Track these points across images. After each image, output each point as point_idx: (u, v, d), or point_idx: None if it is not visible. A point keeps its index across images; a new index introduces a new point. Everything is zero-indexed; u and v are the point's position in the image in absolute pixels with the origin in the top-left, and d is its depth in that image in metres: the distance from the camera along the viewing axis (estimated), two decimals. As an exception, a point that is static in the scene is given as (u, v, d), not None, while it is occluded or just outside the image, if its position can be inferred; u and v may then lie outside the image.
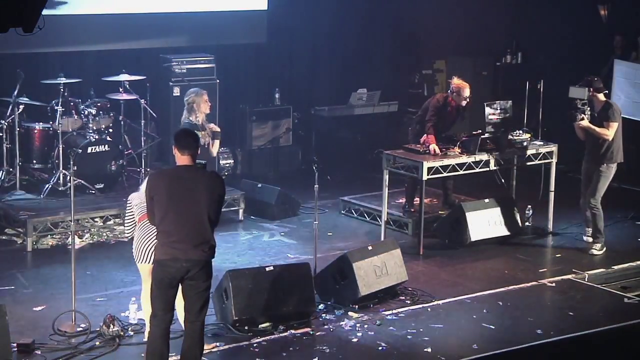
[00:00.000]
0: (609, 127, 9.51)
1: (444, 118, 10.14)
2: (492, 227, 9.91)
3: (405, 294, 8.48)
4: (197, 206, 6.26)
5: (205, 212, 6.29)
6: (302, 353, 7.27)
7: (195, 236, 6.28)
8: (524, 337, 7.63)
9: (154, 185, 6.36)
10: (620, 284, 9.12)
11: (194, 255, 6.27)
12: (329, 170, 11.73)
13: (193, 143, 6.38)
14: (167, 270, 6.29)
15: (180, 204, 6.25)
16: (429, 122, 10.04)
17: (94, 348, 7.18)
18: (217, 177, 6.49)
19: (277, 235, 10.21)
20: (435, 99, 10.27)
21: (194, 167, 6.38)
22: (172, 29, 11.86)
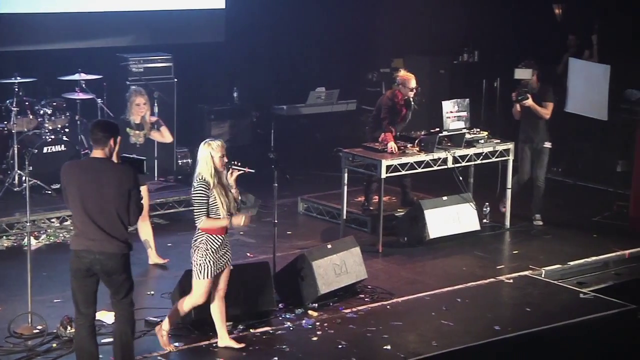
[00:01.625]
0: (548, 106, 10.22)
1: (396, 113, 10.19)
2: (451, 224, 9.96)
3: (365, 292, 8.49)
4: (105, 199, 6.26)
5: (113, 206, 6.27)
6: (262, 352, 7.25)
7: (107, 229, 6.28)
8: (482, 333, 7.67)
9: (65, 175, 6.42)
10: (576, 280, 9.22)
11: (106, 248, 6.29)
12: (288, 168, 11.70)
13: (102, 137, 6.34)
14: (82, 260, 6.33)
15: (90, 197, 6.27)
16: (385, 120, 10.09)
17: (51, 350, 7.09)
18: (127, 171, 6.39)
19: (236, 234, 10.16)
20: (385, 97, 10.35)
21: (105, 160, 6.36)
22: (129, 27, 11.78)
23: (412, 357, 7.20)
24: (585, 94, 11.07)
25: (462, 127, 10.15)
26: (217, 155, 6.92)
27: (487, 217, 10.46)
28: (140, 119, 9.11)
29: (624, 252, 9.74)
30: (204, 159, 6.91)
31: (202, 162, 6.92)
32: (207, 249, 6.93)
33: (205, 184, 6.88)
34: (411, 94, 10.17)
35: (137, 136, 9.07)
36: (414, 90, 10.17)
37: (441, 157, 9.90)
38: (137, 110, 9.09)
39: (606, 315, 8.13)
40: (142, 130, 9.12)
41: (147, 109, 9.17)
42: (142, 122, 9.14)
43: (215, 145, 6.93)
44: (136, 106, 9.10)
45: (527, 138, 10.38)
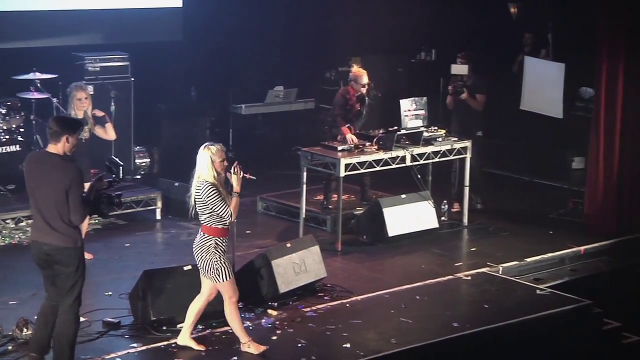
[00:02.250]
0: (481, 98, 10.69)
1: (349, 109, 10.24)
2: (409, 222, 10.01)
3: (324, 291, 8.49)
4: (47, 193, 6.45)
5: (52, 200, 6.43)
6: (222, 352, 7.22)
7: (50, 222, 6.45)
8: (441, 330, 7.71)
9: (25, 167, 6.73)
10: (533, 276, 9.30)
11: (50, 240, 6.47)
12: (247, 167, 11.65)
13: (55, 131, 6.52)
14: (32, 250, 6.59)
15: (38, 189, 6.50)
16: (338, 116, 10.18)
17: (7, 353, 7.00)
18: (66, 168, 6.47)
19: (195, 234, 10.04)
20: (338, 94, 10.42)
21: (53, 155, 6.51)
22: (85, 26, 11.66)
23: (371, 354, 7.21)
24: (541, 91, 11.18)
25: (420, 125, 10.20)
26: (217, 159, 6.95)
27: (445, 215, 10.52)
28: (82, 114, 9.03)
29: (579, 248, 9.86)
30: (204, 163, 6.95)
31: (202, 167, 6.95)
32: (219, 252, 6.98)
33: (213, 186, 6.92)
34: (363, 89, 10.24)
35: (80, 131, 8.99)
36: (366, 86, 10.24)
37: (399, 156, 9.93)
38: (79, 104, 9.02)
39: (562, 311, 8.21)
40: (86, 125, 9.01)
41: (88, 103, 9.09)
42: (84, 117, 9.04)
43: (214, 150, 6.97)
44: (77, 101, 9.02)
45: (460, 128, 10.70)
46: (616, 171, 10.41)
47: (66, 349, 6.58)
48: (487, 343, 7.72)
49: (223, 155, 6.98)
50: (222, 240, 7.01)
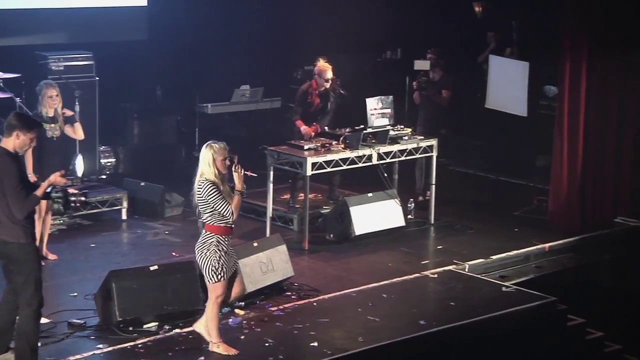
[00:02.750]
0: (448, 94, 10.92)
1: (310, 104, 10.31)
2: (376, 220, 10.04)
3: (292, 290, 8.50)
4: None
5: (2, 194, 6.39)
6: (189, 352, 7.20)
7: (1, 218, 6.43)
8: (408, 328, 7.74)
9: None
10: (499, 274, 9.37)
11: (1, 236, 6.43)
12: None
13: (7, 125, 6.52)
14: None
15: None
16: (295, 114, 10.34)
17: None
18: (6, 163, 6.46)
19: (161, 234, 10.10)
20: (300, 88, 10.45)
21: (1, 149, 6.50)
22: (48, 25, 11.55)
23: (338, 353, 7.23)
24: (505, 90, 11.26)
25: (386, 124, 10.23)
26: (219, 158, 6.92)
27: (411, 213, 10.57)
28: (53, 112, 8.97)
29: (544, 246, 9.94)
30: (206, 162, 6.92)
31: (204, 165, 6.93)
32: (220, 251, 6.93)
33: (213, 184, 6.89)
34: (327, 84, 10.27)
35: (52, 129, 8.93)
36: (329, 81, 10.27)
37: (366, 154, 9.96)
38: (50, 102, 8.95)
39: (528, 308, 8.28)
40: (57, 123, 8.98)
41: (59, 101, 9.04)
42: (55, 115, 9.00)
43: (217, 148, 6.93)
44: (49, 99, 8.96)
45: (425, 123, 10.92)
46: (580, 169, 10.52)
47: (27, 350, 6.52)
48: (453, 340, 7.76)
49: (225, 154, 6.94)
50: (225, 238, 6.96)
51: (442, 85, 11.02)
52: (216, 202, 6.89)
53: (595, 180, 10.69)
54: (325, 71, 10.27)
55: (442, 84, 11.03)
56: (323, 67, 10.31)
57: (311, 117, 10.38)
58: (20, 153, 6.69)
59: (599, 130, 10.64)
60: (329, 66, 10.33)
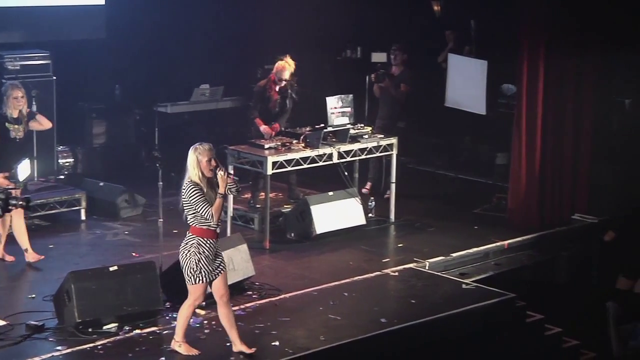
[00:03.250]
0: (406, 89, 11.20)
1: (268, 100, 10.37)
2: (337, 219, 10.06)
3: (253, 289, 8.49)
4: None
5: None
6: (149, 353, 7.18)
7: None
8: (369, 326, 7.77)
9: None
10: (459, 271, 9.44)
11: None
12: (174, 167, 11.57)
13: None
14: None
15: None
16: (253, 112, 10.37)
17: None
18: None
19: (121, 234, 10.03)
20: (257, 86, 10.50)
21: None
22: (4, 24, 11.41)
23: (300, 352, 7.24)
24: (464, 88, 11.33)
25: (347, 122, 10.26)
26: (203, 159, 6.88)
27: (372, 212, 10.60)
28: (17, 113, 8.88)
29: (503, 243, 10.02)
30: (191, 164, 6.91)
31: (189, 167, 6.92)
32: (200, 253, 6.90)
33: (196, 185, 6.87)
34: (283, 83, 10.30)
35: (16, 130, 8.83)
36: (284, 81, 10.28)
37: (326, 153, 9.98)
38: (15, 103, 8.86)
39: (487, 305, 8.35)
40: (20, 124, 8.88)
41: (24, 102, 8.95)
42: (19, 116, 8.90)
43: (201, 150, 6.91)
44: (14, 100, 8.86)
45: (384, 117, 11.18)
46: (538, 167, 10.62)
47: None
48: (414, 338, 7.81)
49: (210, 156, 6.91)
50: (206, 241, 6.92)
51: (401, 79, 11.25)
52: (197, 204, 6.88)
53: (553, 178, 10.80)
54: (283, 70, 10.29)
55: (401, 79, 11.26)
56: (279, 67, 10.34)
57: (270, 116, 10.38)
58: None
59: (556, 128, 10.75)
60: (288, 65, 10.33)
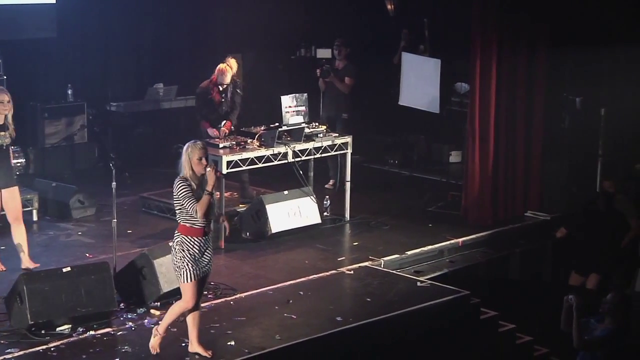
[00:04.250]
0: (350, 82, 11.55)
1: (211, 102, 10.41)
2: (292, 218, 10.08)
3: (208, 289, 8.44)
4: None
5: None
6: (103, 354, 7.14)
7: None
8: (325, 325, 7.80)
9: None
10: (414, 269, 9.49)
11: None
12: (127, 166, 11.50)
13: None
14: None
15: None
16: (198, 115, 10.45)
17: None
18: None
19: (74, 235, 9.95)
20: (199, 88, 10.57)
21: None
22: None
23: (256, 351, 7.24)
24: (418, 87, 11.40)
25: (301, 121, 10.28)
26: (194, 157, 6.85)
27: (327, 210, 10.63)
28: (3, 119, 8.45)
29: (458, 240, 10.11)
30: (182, 162, 6.89)
31: (182, 164, 6.89)
32: (184, 251, 6.87)
33: (184, 181, 6.86)
34: (224, 86, 10.39)
35: (2, 138, 8.43)
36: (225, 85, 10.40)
37: (281, 152, 9.99)
38: (1, 108, 8.44)
39: (442, 302, 8.41)
40: (7, 131, 8.48)
41: (10, 107, 8.51)
42: (5, 122, 8.48)
43: (192, 147, 6.88)
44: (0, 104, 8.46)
45: (329, 110, 11.55)
46: (491, 164, 10.72)
47: None
48: (370, 336, 7.84)
49: (201, 154, 6.87)
50: (190, 239, 6.89)
51: (345, 73, 11.58)
52: (184, 199, 6.88)
53: (506, 175, 10.91)
54: (224, 73, 10.39)
55: (345, 72, 11.58)
56: (221, 69, 10.40)
57: (219, 116, 10.39)
58: None
59: (509, 126, 10.86)
60: (229, 69, 10.42)
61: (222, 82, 10.40)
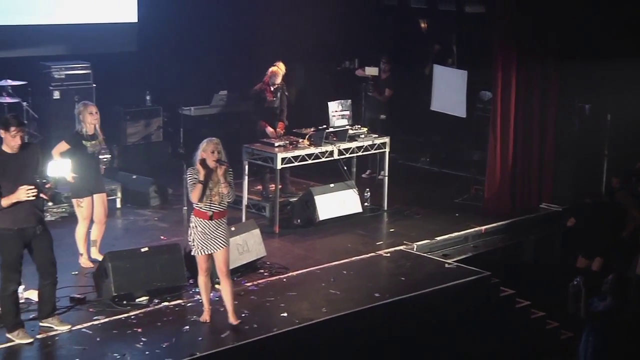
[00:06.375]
0: (389, 93, 11.81)
1: (264, 102, 10.33)
2: (337, 207, 10.06)
3: (264, 268, 8.50)
4: None
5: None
6: (175, 322, 7.20)
7: None
8: (364, 300, 7.79)
9: None
10: (442, 252, 9.43)
11: None
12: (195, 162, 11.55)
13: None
14: None
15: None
16: (256, 115, 10.35)
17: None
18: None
19: (151, 220, 10.04)
20: (254, 90, 10.47)
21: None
22: (51, 38, 11.43)
23: (305, 322, 7.26)
24: (447, 95, 11.31)
25: (346, 124, 10.26)
26: (208, 149, 6.87)
27: (367, 201, 10.59)
28: (92, 129, 8.30)
29: (481, 228, 10.02)
30: (196, 155, 6.90)
31: (195, 158, 6.92)
32: (192, 228, 6.94)
33: (193, 169, 6.88)
34: (275, 85, 10.33)
35: (93, 146, 8.28)
36: (277, 84, 10.32)
37: (328, 150, 9.98)
38: (92, 119, 8.25)
39: (466, 282, 8.36)
40: (96, 139, 8.32)
41: (98, 118, 8.31)
42: (95, 132, 8.33)
43: (207, 141, 6.93)
44: (89, 115, 8.25)
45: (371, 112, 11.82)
46: (510, 163, 10.61)
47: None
48: (404, 310, 7.82)
49: (213, 147, 6.89)
50: (197, 219, 6.93)
51: (387, 84, 11.71)
52: (189, 186, 6.93)
53: (523, 172, 10.79)
54: (276, 75, 10.30)
55: (387, 83, 11.75)
56: (273, 71, 10.33)
57: (274, 115, 10.38)
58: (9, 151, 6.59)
59: (526, 129, 10.74)
60: (280, 70, 10.36)
61: (274, 82, 10.30)
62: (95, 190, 8.35)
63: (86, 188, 8.24)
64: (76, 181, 8.18)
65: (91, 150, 8.28)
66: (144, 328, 7.05)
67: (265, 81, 10.41)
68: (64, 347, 6.68)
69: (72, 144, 8.14)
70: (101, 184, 8.47)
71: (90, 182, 8.26)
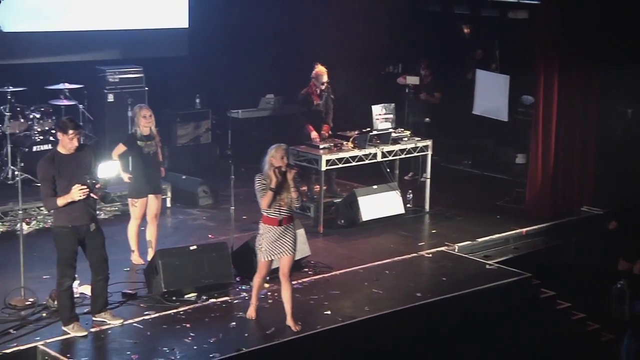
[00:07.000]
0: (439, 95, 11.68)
1: (312, 104, 10.30)
2: (380, 208, 10.02)
3: (308, 267, 8.50)
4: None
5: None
6: (222, 318, 7.24)
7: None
8: (406, 299, 7.75)
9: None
10: (483, 254, 9.34)
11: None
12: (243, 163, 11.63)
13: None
14: None
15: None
16: (306, 118, 10.29)
17: (41, 319, 7.01)
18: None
19: (199, 219, 10.11)
20: (301, 95, 10.43)
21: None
22: (106, 44, 11.60)
23: (348, 320, 7.25)
24: (489, 99, 11.22)
25: (389, 127, 10.22)
26: (277, 155, 6.84)
27: (410, 203, 10.53)
28: (148, 130, 8.26)
29: (522, 230, 9.90)
30: (265, 161, 6.89)
31: (264, 163, 6.91)
32: (261, 234, 6.96)
33: (261, 177, 6.88)
34: (323, 86, 10.27)
35: (148, 146, 8.29)
36: (325, 84, 10.25)
37: (372, 153, 9.95)
38: (145, 122, 8.27)
39: (507, 283, 8.27)
40: (152, 140, 8.32)
41: (153, 121, 8.28)
42: (151, 133, 8.29)
43: (276, 147, 6.89)
44: (143, 118, 8.27)
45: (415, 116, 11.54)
46: (552, 166, 10.47)
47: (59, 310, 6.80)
48: (445, 309, 7.76)
49: (283, 153, 6.84)
50: (265, 226, 6.92)
51: (435, 88, 11.58)
52: (257, 193, 6.90)
53: (564, 175, 10.64)
54: (322, 74, 10.28)
55: (435, 87, 11.61)
56: (319, 71, 10.29)
57: (320, 118, 10.37)
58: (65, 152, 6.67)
59: (567, 133, 10.59)
60: (323, 70, 10.33)
61: (321, 82, 10.24)
62: (151, 191, 8.37)
63: (143, 189, 8.31)
64: (133, 181, 8.26)
65: (146, 151, 8.30)
66: (192, 323, 7.10)
67: (312, 85, 10.41)
68: (116, 341, 6.76)
69: (128, 145, 8.23)
70: (158, 185, 8.48)
71: (148, 183, 8.31)
